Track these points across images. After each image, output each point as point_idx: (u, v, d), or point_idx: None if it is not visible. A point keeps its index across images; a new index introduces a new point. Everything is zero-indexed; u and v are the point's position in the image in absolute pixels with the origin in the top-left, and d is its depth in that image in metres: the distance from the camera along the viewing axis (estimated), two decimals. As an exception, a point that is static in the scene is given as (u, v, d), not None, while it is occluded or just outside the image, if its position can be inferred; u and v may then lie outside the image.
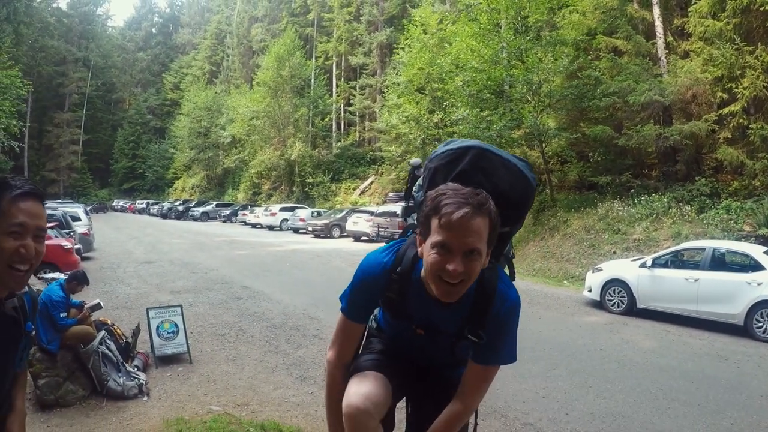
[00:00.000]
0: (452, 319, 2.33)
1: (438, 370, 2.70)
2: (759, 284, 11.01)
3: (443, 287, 2.06)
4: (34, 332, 2.57)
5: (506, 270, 2.55)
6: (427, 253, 2.06)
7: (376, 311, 2.71)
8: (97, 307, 7.91)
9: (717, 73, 19.60)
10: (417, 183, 2.64)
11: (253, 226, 44.61)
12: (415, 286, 2.30)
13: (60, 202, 43.36)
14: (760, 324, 10.86)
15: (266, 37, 69.68)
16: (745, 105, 18.90)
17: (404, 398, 2.75)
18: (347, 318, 2.49)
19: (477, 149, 2.25)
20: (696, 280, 11.83)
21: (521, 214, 2.37)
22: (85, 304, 7.78)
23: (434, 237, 2.02)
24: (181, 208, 59.23)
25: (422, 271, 2.22)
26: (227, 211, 53.68)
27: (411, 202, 2.73)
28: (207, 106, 69.94)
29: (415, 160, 2.84)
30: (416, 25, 35.96)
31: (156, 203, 68.98)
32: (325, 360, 2.62)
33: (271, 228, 42.09)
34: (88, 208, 35.00)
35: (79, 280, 7.82)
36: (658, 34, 22.43)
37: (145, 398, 7.17)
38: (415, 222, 2.42)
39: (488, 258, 2.12)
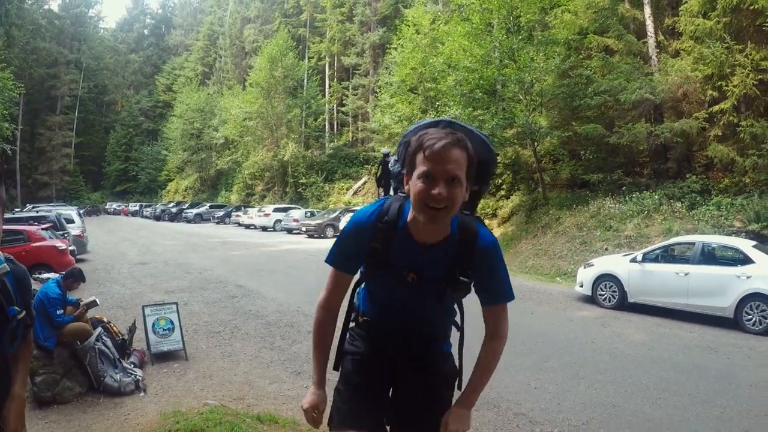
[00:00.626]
0: (439, 263, 2.47)
1: (417, 361, 2.75)
2: (748, 277, 11.12)
3: (429, 212, 2.24)
4: (20, 315, 2.58)
5: None
6: (414, 185, 2.26)
7: (359, 291, 2.87)
8: (93, 303, 7.92)
9: (707, 72, 19.77)
10: (393, 158, 2.86)
11: (247, 227, 44.56)
12: (401, 233, 2.46)
13: (53, 206, 43.34)
14: (750, 316, 10.97)
15: (259, 37, 69.52)
16: (735, 103, 19.11)
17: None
18: (333, 267, 2.64)
19: (446, 121, 2.49)
20: (686, 274, 11.95)
21: (486, 175, 2.60)
22: (81, 301, 7.82)
23: (420, 169, 2.24)
24: (174, 210, 59.04)
25: (408, 216, 2.44)
26: (221, 213, 53.53)
27: (381, 192, 2.95)
28: (199, 107, 69.59)
29: (385, 149, 3.01)
30: (409, 25, 35.97)
31: (149, 205, 68.73)
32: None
33: (264, 229, 42.08)
34: (82, 211, 35.02)
35: (76, 277, 7.89)
36: (649, 33, 22.58)
37: (142, 394, 7.20)
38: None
39: (467, 193, 2.34)
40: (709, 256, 12.33)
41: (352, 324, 2.85)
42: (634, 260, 13.11)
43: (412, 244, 2.45)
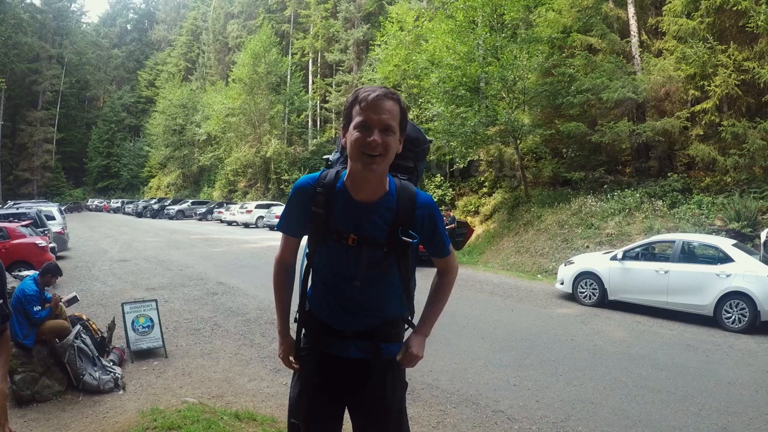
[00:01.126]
0: (380, 224, 2.54)
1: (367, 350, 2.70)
2: (728, 276, 11.18)
3: (365, 160, 2.36)
4: None
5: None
6: (351, 135, 2.39)
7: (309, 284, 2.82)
8: (74, 299, 7.95)
9: (690, 71, 19.86)
10: (333, 154, 2.95)
11: (229, 223, 44.45)
12: (340, 194, 2.55)
13: (34, 202, 43.07)
14: (729, 314, 11.02)
15: (242, 33, 69.26)
16: (717, 102, 19.26)
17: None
18: (282, 232, 2.80)
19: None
20: (666, 272, 11.99)
21: (421, 154, 2.90)
22: (59, 297, 7.73)
23: (355, 120, 2.39)
24: (156, 206, 58.73)
25: (345, 177, 2.55)
26: (203, 209, 53.20)
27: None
28: (182, 103, 69.49)
29: (327, 156, 3.05)
30: (393, 22, 35.76)
31: (131, 202, 68.38)
32: None
33: (246, 225, 41.88)
34: (63, 208, 34.70)
35: (53, 272, 7.83)
36: (632, 32, 22.66)
37: (121, 392, 7.19)
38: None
39: (401, 144, 2.51)
40: (690, 255, 12.40)
41: (296, 315, 2.84)
42: (614, 258, 13.12)
43: (351, 204, 2.53)
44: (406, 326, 2.85)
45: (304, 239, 2.74)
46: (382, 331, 2.68)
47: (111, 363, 7.69)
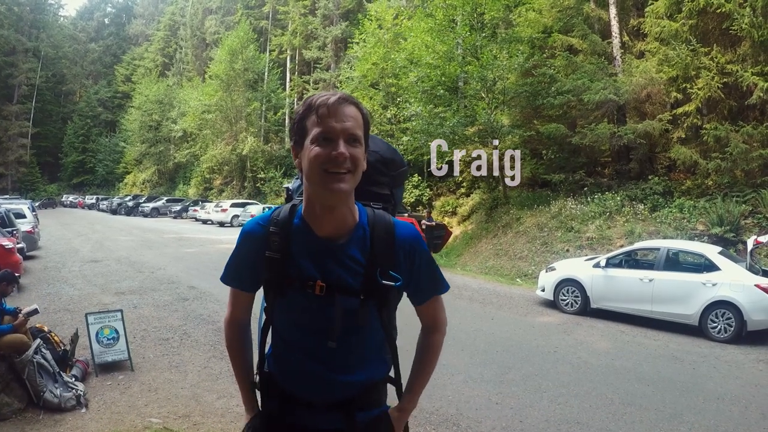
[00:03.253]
0: (352, 266, 2.05)
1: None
2: (713, 285, 10.94)
3: (330, 179, 1.91)
4: None
5: None
6: (309, 152, 1.94)
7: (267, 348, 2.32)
8: (34, 312, 7.54)
9: (672, 74, 19.69)
10: (294, 179, 2.53)
11: (204, 222, 44.08)
12: (298, 232, 2.09)
13: (6, 198, 42.57)
14: (715, 324, 10.79)
15: (220, 29, 69.16)
16: (699, 105, 19.15)
17: None
18: (228, 285, 2.31)
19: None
20: (650, 280, 11.73)
21: (398, 178, 2.45)
22: (20, 310, 7.43)
23: (313, 132, 1.94)
24: (131, 203, 58.41)
25: (302, 209, 2.10)
26: (178, 207, 52.82)
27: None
28: (159, 99, 69.55)
29: (287, 185, 2.64)
30: (371, 20, 35.68)
31: (105, 198, 67.88)
32: None
33: (221, 224, 41.45)
34: (36, 204, 34.24)
35: (8, 280, 7.58)
36: (614, 33, 22.50)
37: (83, 410, 6.84)
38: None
39: (365, 161, 2.03)
40: (674, 262, 12.16)
41: (256, 376, 2.37)
42: (597, 265, 12.86)
43: (314, 243, 2.06)
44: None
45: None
46: (360, 400, 2.17)
47: (73, 378, 7.34)
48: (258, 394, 2.36)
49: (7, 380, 6.67)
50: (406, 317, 2.49)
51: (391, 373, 2.31)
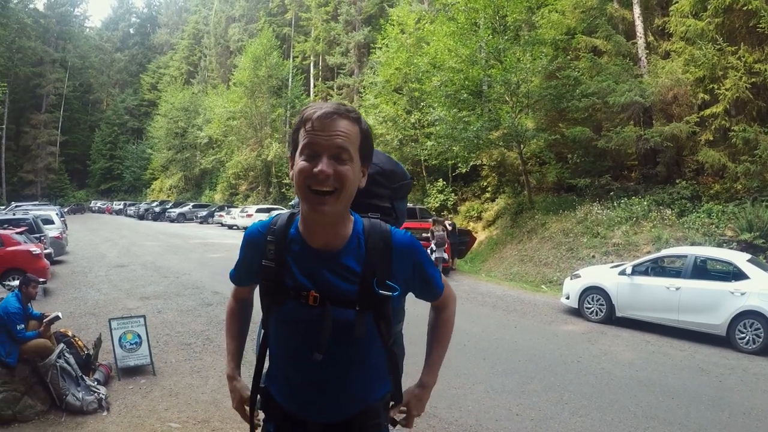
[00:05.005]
0: (347, 276, 1.98)
1: None
2: (742, 294, 10.61)
3: (314, 198, 1.86)
4: None
5: None
6: (296, 165, 1.89)
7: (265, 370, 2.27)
8: (56, 318, 7.67)
9: (699, 74, 19.32)
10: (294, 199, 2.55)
11: (230, 227, 44.06)
12: (293, 242, 2.04)
13: (35, 204, 43.21)
14: (743, 335, 10.47)
15: (243, 36, 69.39)
16: (727, 106, 18.71)
17: None
18: (233, 283, 2.45)
19: None
20: (677, 289, 11.42)
21: (400, 191, 2.52)
22: (46, 316, 7.60)
23: (301, 143, 1.89)
24: (157, 209, 58.80)
25: (299, 223, 2.05)
26: (204, 213, 53.20)
27: None
28: (184, 106, 70.04)
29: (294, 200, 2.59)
30: (393, 25, 35.62)
31: (133, 204, 68.49)
32: None
33: (247, 230, 41.35)
34: (65, 210, 34.56)
35: (31, 281, 7.71)
36: (638, 33, 22.20)
37: (105, 413, 6.94)
38: None
39: (364, 178, 2.02)
40: (702, 270, 11.81)
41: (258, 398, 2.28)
42: (623, 273, 12.59)
43: (308, 253, 2.01)
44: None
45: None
46: (358, 423, 2.09)
47: (96, 382, 7.47)
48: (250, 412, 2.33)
49: (30, 383, 6.85)
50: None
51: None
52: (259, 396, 2.24)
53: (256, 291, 2.33)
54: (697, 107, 20.28)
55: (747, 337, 10.42)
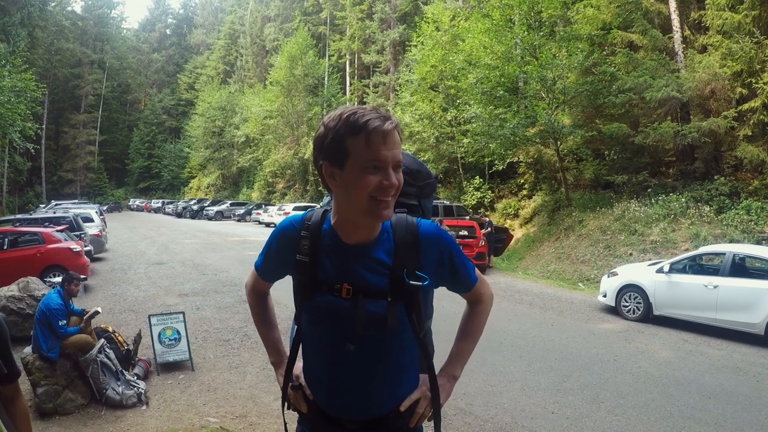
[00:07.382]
0: (378, 268, 2.04)
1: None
2: (782, 292, 10.49)
3: (377, 207, 1.91)
4: None
5: None
6: (360, 179, 1.89)
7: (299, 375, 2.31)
8: (95, 314, 7.91)
9: (736, 68, 19.13)
10: (324, 198, 2.64)
11: (267, 225, 44.23)
12: (326, 237, 2.10)
13: (75, 203, 43.73)
14: (782, 334, 10.36)
15: (279, 36, 69.70)
16: (766, 101, 18.44)
17: None
18: (257, 273, 2.41)
19: None
20: (715, 287, 11.35)
21: (426, 189, 2.58)
22: (87, 312, 7.80)
23: (362, 157, 1.88)
24: (195, 207, 59.37)
25: (332, 219, 2.10)
26: (241, 210, 53.48)
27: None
28: (221, 105, 70.58)
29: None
30: (428, 22, 35.60)
31: (171, 202, 69.34)
32: None
33: (284, 227, 41.60)
34: (104, 208, 34.97)
35: (74, 279, 7.88)
36: (674, 27, 21.97)
37: (144, 407, 7.13)
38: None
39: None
40: (740, 268, 11.70)
41: (290, 391, 2.31)
42: (660, 270, 12.53)
43: (341, 248, 2.06)
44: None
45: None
46: (393, 421, 2.12)
47: (135, 377, 7.71)
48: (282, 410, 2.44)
49: (71, 377, 7.11)
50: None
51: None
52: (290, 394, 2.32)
53: (282, 285, 2.47)
54: (735, 102, 20.12)
55: (786, 337, 10.32)
